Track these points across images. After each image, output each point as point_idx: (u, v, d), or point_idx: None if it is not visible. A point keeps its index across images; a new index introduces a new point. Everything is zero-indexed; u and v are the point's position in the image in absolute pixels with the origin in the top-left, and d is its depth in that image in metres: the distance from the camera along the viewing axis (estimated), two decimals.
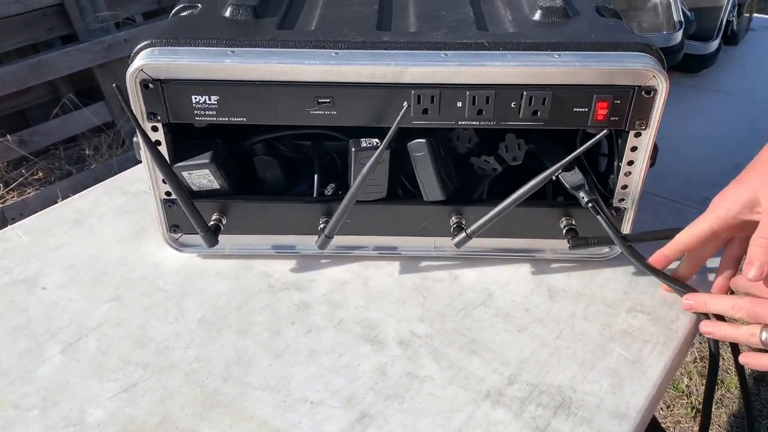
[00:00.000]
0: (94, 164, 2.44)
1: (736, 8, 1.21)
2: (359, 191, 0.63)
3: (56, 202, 0.79)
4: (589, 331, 0.63)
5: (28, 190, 2.30)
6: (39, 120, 2.40)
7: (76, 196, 0.84)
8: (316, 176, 0.71)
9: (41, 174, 2.38)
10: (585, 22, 0.65)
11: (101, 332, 0.63)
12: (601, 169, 0.72)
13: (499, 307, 0.66)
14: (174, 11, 0.69)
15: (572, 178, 0.67)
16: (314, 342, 0.62)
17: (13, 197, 2.26)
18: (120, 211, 0.81)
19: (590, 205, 0.65)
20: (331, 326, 0.64)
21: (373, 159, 0.61)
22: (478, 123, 0.63)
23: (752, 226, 0.60)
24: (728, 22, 1.19)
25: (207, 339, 0.63)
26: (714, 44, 1.12)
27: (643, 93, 0.61)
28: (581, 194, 0.66)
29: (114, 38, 2.39)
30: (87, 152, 2.47)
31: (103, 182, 0.87)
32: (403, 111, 0.60)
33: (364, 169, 0.62)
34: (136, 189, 0.85)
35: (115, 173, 0.91)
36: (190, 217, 0.65)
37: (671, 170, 0.88)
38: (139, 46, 0.62)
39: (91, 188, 0.86)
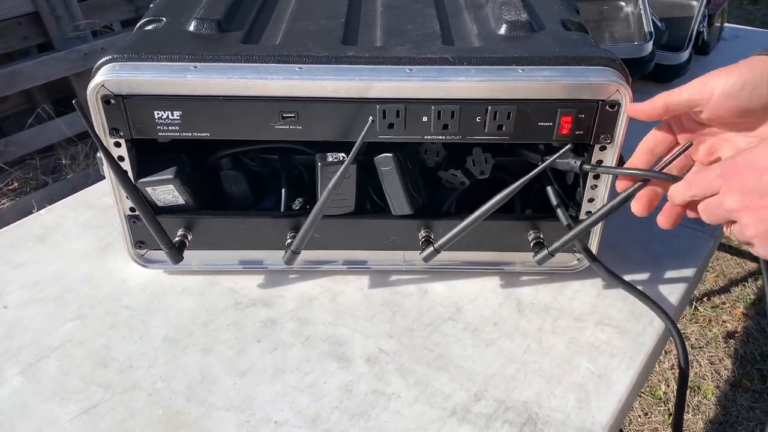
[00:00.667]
0: (71, 174, 2.41)
1: (707, 18, 1.23)
2: (325, 206, 0.62)
3: (32, 213, 0.78)
4: (556, 345, 0.63)
5: (3, 201, 2.26)
6: (14, 130, 2.37)
7: (42, 210, 0.83)
8: (283, 190, 0.70)
9: (16, 184, 2.35)
10: (550, 36, 0.65)
11: (63, 352, 0.62)
12: (569, 182, 0.72)
13: (467, 321, 0.66)
14: (138, 25, 0.69)
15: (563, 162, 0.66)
16: (280, 360, 0.62)
17: None
18: (86, 227, 0.80)
19: (587, 168, 0.63)
20: (297, 343, 0.63)
21: (338, 174, 0.61)
22: (443, 137, 0.62)
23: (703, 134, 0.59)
24: (699, 32, 1.20)
25: (171, 358, 0.62)
26: (685, 54, 1.13)
27: (608, 107, 0.61)
28: (572, 162, 0.64)
29: (91, 47, 2.37)
30: (63, 162, 2.44)
31: (70, 197, 0.85)
32: (368, 126, 0.59)
33: (330, 184, 0.61)
34: (104, 203, 0.84)
35: (92, 183, 0.89)
36: (153, 233, 0.64)
37: None
38: (100, 61, 0.61)
39: (58, 203, 0.84)
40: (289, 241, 0.68)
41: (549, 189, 0.67)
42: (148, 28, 0.68)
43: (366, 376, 0.60)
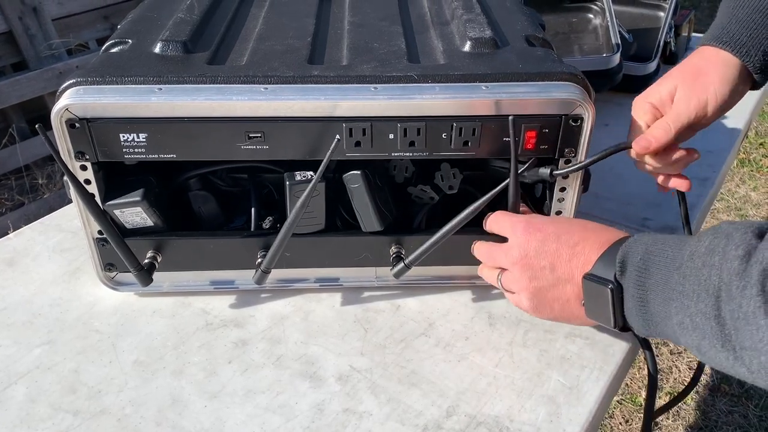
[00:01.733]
0: (48, 194, 2.39)
1: (674, 29, 1.25)
2: (294, 225, 0.62)
3: (7, 233, 0.77)
4: (527, 358, 0.63)
5: None
6: None
7: (11, 234, 0.82)
8: (252, 210, 0.70)
9: None
10: (514, 52, 0.66)
11: (31, 379, 0.61)
12: (538, 195, 0.73)
13: (439, 336, 0.66)
14: (104, 47, 0.68)
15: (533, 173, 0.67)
16: (251, 381, 0.61)
17: None
18: (56, 250, 0.79)
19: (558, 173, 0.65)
20: (269, 363, 0.63)
21: (306, 192, 0.61)
22: (411, 154, 0.63)
23: None
24: (666, 42, 1.22)
25: (141, 382, 0.61)
26: (653, 65, 1.15)
27: (571, 121, 0.61)
28: (542, 170, 0.66)
29: (66, 65, 2.36)
30: (40, 182, 2.42)
31: (38, 220, 0.85)
32: (334, 144, 0.59)
33: (298, 203, 0.61)
34: (73, 226, 0.83)
35: (69, 202, 0.88)
36: (122, 256, 0.64)
37: (611, 191, 0.90)
38: (64, 84, 0.61)
39: (26, 226, 0.83)
40: (259, 260, 0.68)
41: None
42: (114, 50, 0.67)
43: (338, 395, 0.60)
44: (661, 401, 1.60)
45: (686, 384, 1.61)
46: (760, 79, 0.65)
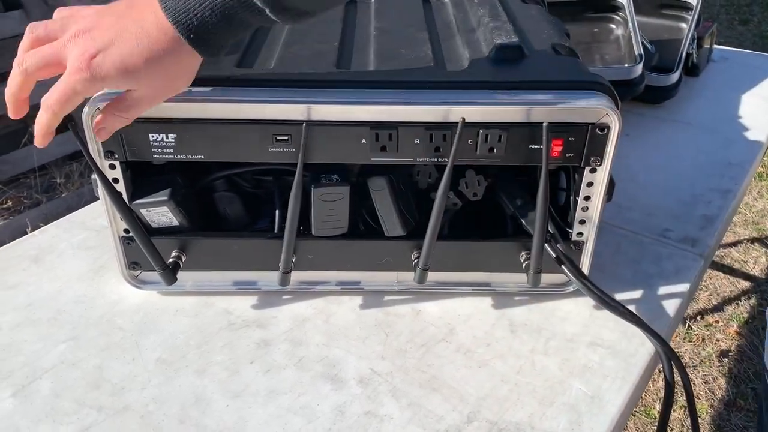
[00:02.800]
0: (65, 193, 2.41)
1: (696, 40, 1.24)
2: (295, 219, 0.63)
3: (26, 232, 0.78)
4: (548, 366, 0.63)
5: None
6: (8, 148, 2.37)
7: (36, 231, 0.83)
8: (276, 212, 0.71)
9: (10, 203, 2.35)
10: (541, 60, 0.66)
11: (56, 374, 0.62)
12: (561, 203, 0.73)
13: (460, 342, 0.66)
14: None
15: (525, 213, 0.68)
16: (273, 381, 0.62)
17: None
18: (81, 247, 0.80)
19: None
20: (291, 365, 0.64)
21: (295, 184, 0.61)
22: (436, 160, 0.63)
23: None
24: (688, 54, 1.22)
25: (164, 379, 0.62)
26: (675, 76, 1.15)
27: (597, 130, 0.62)
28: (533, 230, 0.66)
29: None
30: (58, 181, 2.44)
31: (64, 218, 0.86)
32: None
33: (292, 195, 0.62)
34: (98, 224, 0.84)
35: (87, 201, 0.89)
36: (147, 255, 0.64)
37: (633, 201, 0.89)
38: None
39: (52, 224, 0.84)
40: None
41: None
42: None
43: (359, 398, 0.60)
44: (674, 414, 1.59)
45: (698, 397, 1.61)
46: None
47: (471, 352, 0.65)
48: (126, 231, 0.68)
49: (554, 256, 0.66)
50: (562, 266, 0.66)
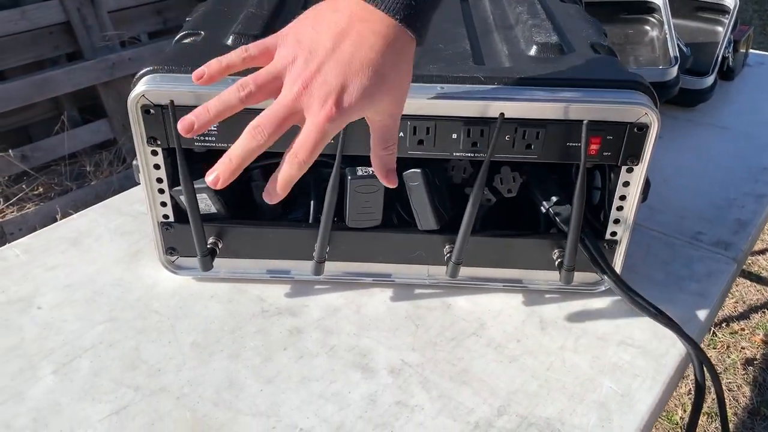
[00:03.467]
0: (95, 181, 2.45)
1: (732, 44, 1.23)
2: (331, 210, 0.64)
3: (55, 218, 0.79)
4: (579, 364, 0.64)
5: (28, 206, 2.30)
6: (41, 136, 2.42)
7: (74, 215, 0.85)
8: (312, 202, 0.71)
9: (41, 189, 2.39)
10: (580, 58, 0.67)
11: (94, 353, 0.64)
12: (595, 202, 0.73)
13: (490, 337, 0.67)
14: (176, 38, 0.71)
15: (560, 211, 0.68)
16: (306, 368, 0.63)
17: (13, 212, 2.27)
18: (117, 232, 0.81)
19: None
20: (323, 353, 0.64)
21: (332, 176, 0.62)
22: (472, 155, 0.64)
23: None
24: (724, 57, 1.21)
25: (199, 363, 0.63)
26: (710, 79, 1.14)
27: (636, 129, 0.62)
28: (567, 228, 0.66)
29: (119, 57, 2.42)
30: (88, 169, 2.48)
31: (101, 203, 0.87)
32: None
33: (329, 186, 0.62)
34: (134, 210, 0.86)
35: (115, 190, 0.92)
36: (195, 239, 0.66)
37: (666, 204, 0.89)
38: (141, 72, 0.63)
39: (89, 208, 0.86)
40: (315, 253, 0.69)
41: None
42: (186, 41, 0.70)
43: (390, 388, 0.61)
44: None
45: (726, 403, 1.59)
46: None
47: (501, 347, 0.65)
48: (165, 216, 0.69)
49: (587, 254, 0.66)
50: (596, 265, 0.66)
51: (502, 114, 0.59)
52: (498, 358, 0.64)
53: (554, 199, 0.70)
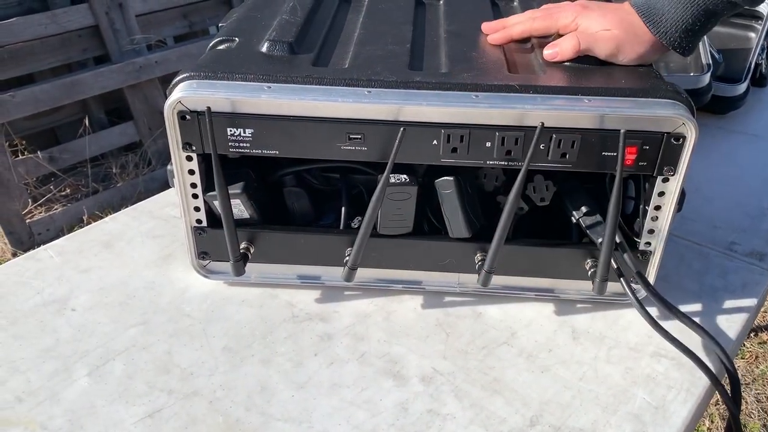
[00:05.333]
0: (120, 183, 2.48)
1: (765, 51, 1.22)
2: (373, 219, 0.64)
3: (82, 219, 0.81)
4: (611, 375, 0.63)
5: (55, 206, 2.34)
6: (69, 138, 2.45)
7: (106, 218, 0.86)
8: (343, 209, 0.72)
9: (68, 191, 2.42)
10: (616, 67, 0.66)
11: (128, 356, 0.64)
12: (628, 212, 0.72)
13: (522, 346, 0.66)
14: (211, 45, 0.71)
15: (590, 221, 0.68)
16: (337, 374, 0.63)
17: (41, 212, 2.30)
18: (149, 236, 0.82)
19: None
20: (353, 359, 0.65)
21: (380, 185, 0.62)
22: (506, 163, 0.63)
23: None
24: (757, 64, 1.19)
25: (231, 367, 0.63)
26: (742, 86, 1.13)
27: (673, 140, 0.61)
28: (598, 239, 0.66)
29: (146, 60, 2.45)
30: (114, 171, 2.51)
31: (132, 206, 0.88)
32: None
33: (375, 194, 0.62)
34: (166, 214, 0.87)
35: (140, 192, 0.93)
36: (228, 243, 0.66)
37: (698, 213, 0.88)
38: (177, 78, 0.63)
39: (121, 212, 0.87)
40: (347, 258, 0.69)
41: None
42: (221, 47, 0.70)
43: (421, 396, 0.61)
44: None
45: (750, 416, 1.56)
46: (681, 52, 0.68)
47: (533, 357, 0.65)
48: (198, 221, 0.70)
49: (619, 267, 0.66)
50: (627, 277, 0.65)
51: (542, 123, 0.59)
52: (530, 367, 0.64)
53: (584, 209, 0.69)
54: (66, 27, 2.30)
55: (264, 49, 0.68)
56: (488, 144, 0.62)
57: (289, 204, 0.73)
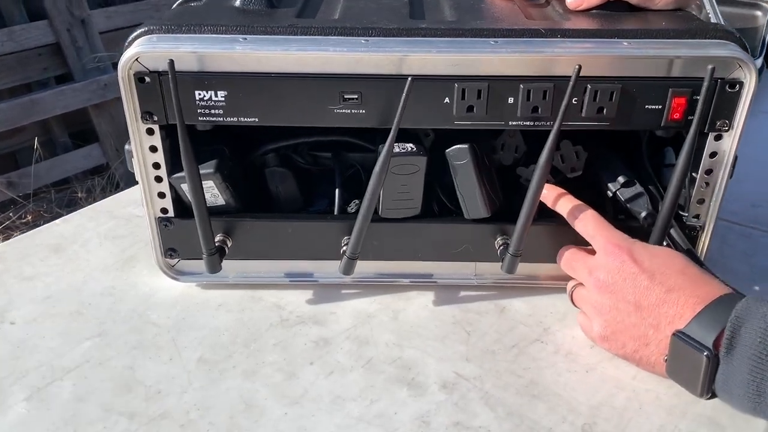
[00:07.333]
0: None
1: None
2: (375, 197, 0.53)
3: None
4: None
5: (16, 234, 2.18)
6: (30, 162, 2.31)
7: (58, 220, 0.74)
8: (337, 191, 0.61)
9: (30, 218, 2.27)
10: (650, 12, 0.57)
11: (79, 374, 0.52)
12: (664, 183, 0.62)
13: (558, 343, 0.56)
14: (177, 2, 0.61)
15: (630, 193, 0.58)
16: (338, 386, 0.51)
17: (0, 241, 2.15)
18: (108, 237, 0.70)
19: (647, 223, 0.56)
20: (357, 367, 0.53)
21: (383, 155, 0.51)
22: (532, 123, 0.53)
23: None
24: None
25: (208, 382, 0.51)
26: (758, 62, 1.05)
27: (727, 87, 0.51)
28: (641, 212, 0.57)
29: (111, 78, 2.32)
30: (79, 195, 2.37)
31: (89, 206, 0.76)
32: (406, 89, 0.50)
33: (376, 168, 0.52)
34: (128, 213, 0.75)
35: None
36: (200, 232, 0.55)
37: (730, 192, 0.78)
38: (135, 33, 0.53)
39: (75, 212, 0.75)
40: (344, 248, 0.58)
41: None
42: (191, 4, 0.60)
43: (445, 406, 0.49)
44: None
45: None
46: None
47: (573, 355, 0.54)
48: (163, 211, 0.58)
49: (671, 243, 0.56)
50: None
51: (579, 65, 0.48)
52: (571, 367, 0.53)
53: (621, 179, 0.59)
54: (24, 45, 2.18)
55: (237, 3, 0.57)
56: (511, 100, 0.52)
57: (272, 188, 0.62)
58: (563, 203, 0.57)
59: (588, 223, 0.54)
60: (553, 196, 0.57)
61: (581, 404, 0.49)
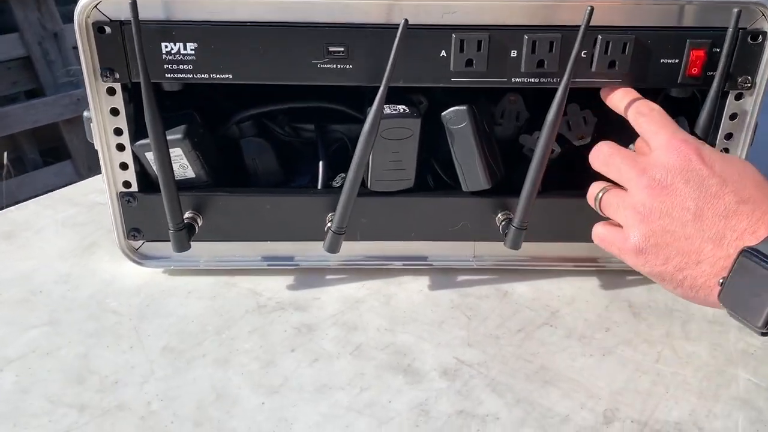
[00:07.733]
0: None
1: None
2: (363, 165, 0.47)
3: None
4: (696, 353, 0.47)
5: None
6: None
7: (12, 207, 0.67)
8: (321, 162, 0.55)
9: None
10: None
11: (23, 365, 0.45)
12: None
13: (568, 327, 0.50)
14: None
15: None
16: (324, 374, 0.45)
17: None
18: (66, 224, 0.64)
19: None
20: (345, 353, 0.47)
21: (372, 114, 0.46)
22: (537, 80, 0.48)
23: None
24: None
25: (173, 371, 0.45)
26: None
27: (749, 39, 0.47)
28: None
29: (83, 92, 2.25)
30: None
31: (46, 194, 0.70)
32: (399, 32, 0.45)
33: (364, 129, 0.46)
34: (90, 200, 0.68)
35: None
36: (167, 204, 0.48)
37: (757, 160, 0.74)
38: None
39: (32, 200, 0.68)
40: (329, 224, 0.52)
41: None
42: None
43: (446, 393, 0.43)
44: None
45: None
46: None
47: (586, 338, 0.48)
48: (126, 184, 0.52)
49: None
50: None
51: (591, 7, 0.43)
52: (585, 350, 0.47)
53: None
54: None
55: None
56: (514, 53, 0.47)
57: (248, 161, 0.56)
58: (623, 97, 0.48)
59: (654, 118, 0.45)
60: (612, 91, 0.48)
61: (600, 389, 0.43)
